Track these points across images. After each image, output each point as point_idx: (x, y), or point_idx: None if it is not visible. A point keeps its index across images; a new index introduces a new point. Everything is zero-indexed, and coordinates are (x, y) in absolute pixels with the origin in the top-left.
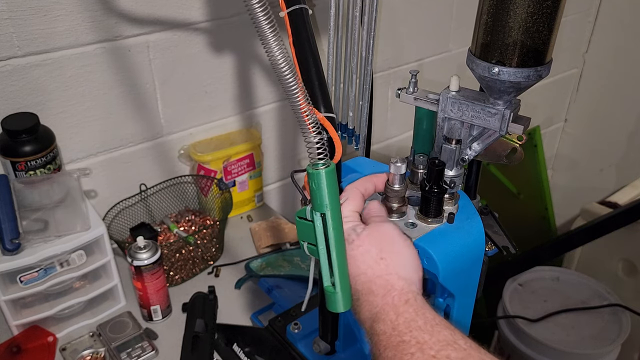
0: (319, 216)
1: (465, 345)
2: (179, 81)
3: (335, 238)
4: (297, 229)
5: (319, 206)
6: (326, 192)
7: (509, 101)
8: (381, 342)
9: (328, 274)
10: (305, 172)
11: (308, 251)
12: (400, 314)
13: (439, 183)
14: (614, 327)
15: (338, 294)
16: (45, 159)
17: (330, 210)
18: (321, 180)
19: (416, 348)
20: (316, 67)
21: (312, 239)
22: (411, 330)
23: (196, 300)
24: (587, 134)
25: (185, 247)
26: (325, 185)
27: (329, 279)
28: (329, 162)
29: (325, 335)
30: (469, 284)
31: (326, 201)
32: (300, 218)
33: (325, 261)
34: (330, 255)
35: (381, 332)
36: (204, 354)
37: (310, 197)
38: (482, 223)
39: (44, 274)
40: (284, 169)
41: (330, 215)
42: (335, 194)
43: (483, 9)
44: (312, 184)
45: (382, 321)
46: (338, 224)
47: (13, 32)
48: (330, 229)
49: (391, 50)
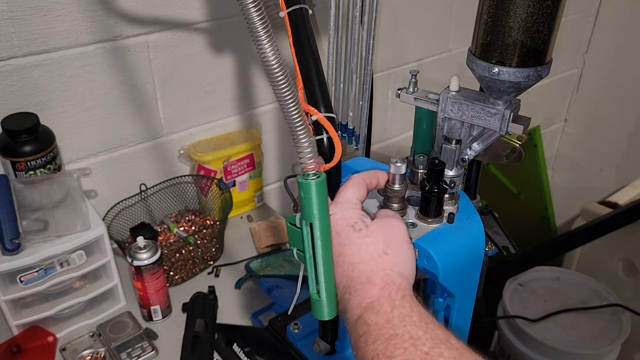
0: (307, 225)
1: (457, 345)
2: (179, 81)
3: (322, 247)
4: (287, 234)
5: (308, 216)
6: (315, 203)
7: (509, 101)
8: (371, 333)
9: (313, 282)
10: None
11: (297, 257)
12: (395, 307)
13: (439, 183)
14: (614, 327)
15: (323, 301)
16: (45, 159)
17: (319, 220)
18: (311, 191)
19: (409, 343)
20: (316, 67)
21: (300, 246)
22: (405, 324)
23: (196, 300)
24: (587, 134)
25: (185, 247)
26: (314, 196)
27: (314, 287)
28: (319, 173)
29: (325, 335)
30: (469, 284)
31: (315, 211)
32: (291, 224)
33: (312, 269)
34: (317, 264)
35: (372, 322)
36: (204, 354)
37: (300, 206)
38: (482, 223)
39: (44, 274)
40: (284, 169)
41: (317, 226)
42: (324, 204)
43: (483, 9)
44: (302, 193)
45: (376, 312)
46: (325, 235)
47: (13, 32)
48: (317, 239)
49: (391, 50)
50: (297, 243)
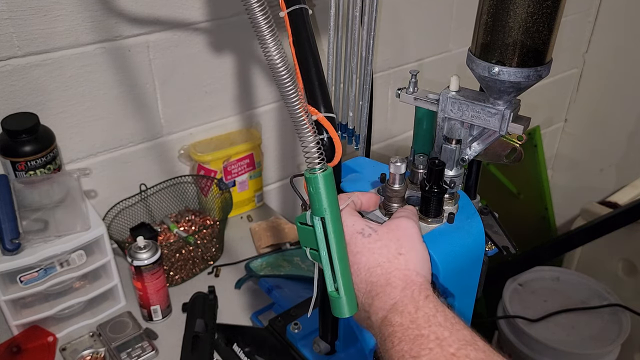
0: (318, 220)
1: (484, 347)
2: (179, 81)
3: (336, 241)
4: (298, 235)
5: (318, 210)
6: (324, 196)
7: (509, 101)
8: (396, 334)
9: (331, 279)
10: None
11: (311, 257)
12: (419, 307)
13: (439, 183)
14: (614, 327)
15: (342, 298)
16: (45, 159)
17: (330, 213)
18: (319, 184)
19: (435, 344)
20: (316, 67)
21: (313, 244)
22: (430, 325)
23: (196, 300)
24: (587, 134)
25: (185, 247)
26: (323, 189)
27: (332, 285)
28: (325, 166)
29: (325, 335)
30: (469, 284)
31: (325, 205)
32: (301, 223)
33: (328, 266)
34: (332, 260)
35: (397, 323)
36: (204, 354)
37: (309, 202)
38: (482, 223)
39: (44, 274)
40: (284, 169)
41: (329, 219)
42: (334, 197)
43: (483, 9)
44: (310, 188)
45: (400, 313)
46: (338, 227)
47: (13, 32)
48: (330, 233)
49: (391, 50)
50: (310, 242)
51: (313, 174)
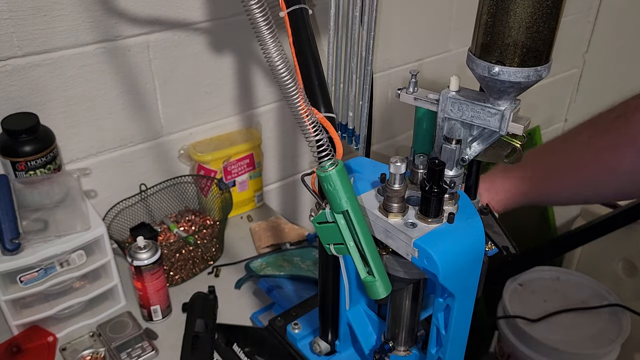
0: (341, 215)
1: None
2: (179, 81)
3: (361, 230)
4: (318, 234)
5: (339, 205)
6: (342, 191)
7: (509, 101)
8: None
9: (362, 266)
10: (313, 175)
11: (335, 252)
12: None
13: (439, 183)
14: (614, 327)
15: (377, 281)
16: (45, 159)
17: (350, 205)
18: (334, 180)
19: None
20: (316, 67)
21: (337, 239)
22: None
23: (196, 300)
24: None
25: (185, 247)
26: (339, 184)
27: (364, 271)
28: (336, 161)
29: (325, 335)
30: (469, 284)
31: (344, 199)
32: (319, 223)
33: (357, 255)
34: (362, 247)
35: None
36: (204, 354)
37: (328, 200)
38: (482, 223)
39: (44, 274)
40: (284, 169)
41: (351, 210)
42: (350, 188)
43: (483, 9)
44: (326, 186)
45: None
46: (360, 216)
47: (13, 32)
48: (355, 224)
49: (391, 50)
50: (333, 238)
51: (325, 171)
